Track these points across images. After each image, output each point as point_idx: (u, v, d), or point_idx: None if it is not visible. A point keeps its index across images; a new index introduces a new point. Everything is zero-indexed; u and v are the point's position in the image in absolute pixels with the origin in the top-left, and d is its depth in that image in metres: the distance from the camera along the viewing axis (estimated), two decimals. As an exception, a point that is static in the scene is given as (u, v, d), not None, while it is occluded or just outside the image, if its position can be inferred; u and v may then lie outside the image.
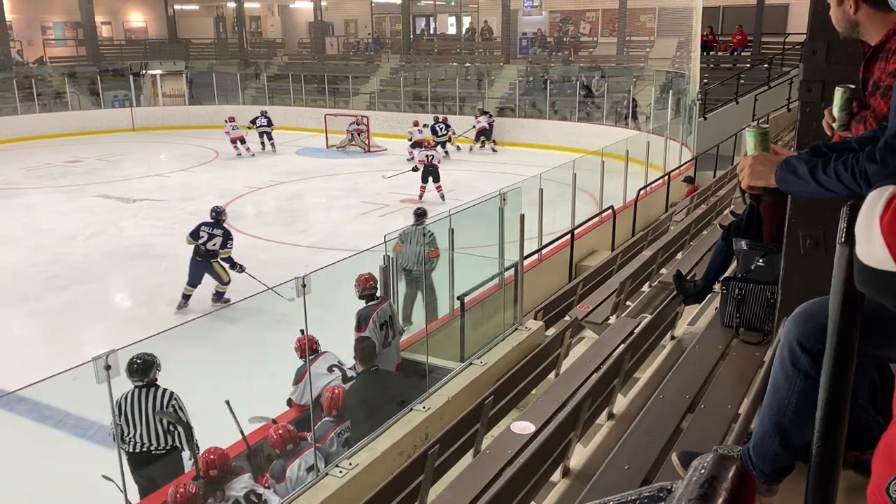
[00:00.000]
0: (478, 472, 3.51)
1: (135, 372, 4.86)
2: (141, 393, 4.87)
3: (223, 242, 9.25)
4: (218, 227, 9.35)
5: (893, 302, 0.85)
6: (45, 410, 6.37)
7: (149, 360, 4.91)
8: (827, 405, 1.36)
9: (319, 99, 26.72)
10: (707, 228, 8.46)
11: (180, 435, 4.90)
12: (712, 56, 21.03)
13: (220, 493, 4.25)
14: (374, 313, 5.94)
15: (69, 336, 8.72)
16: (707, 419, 3.04)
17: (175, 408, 4.91)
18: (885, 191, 0.79)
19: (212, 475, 4.31)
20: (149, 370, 4.91)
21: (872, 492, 1.00)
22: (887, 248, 0.77)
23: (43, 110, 24.83)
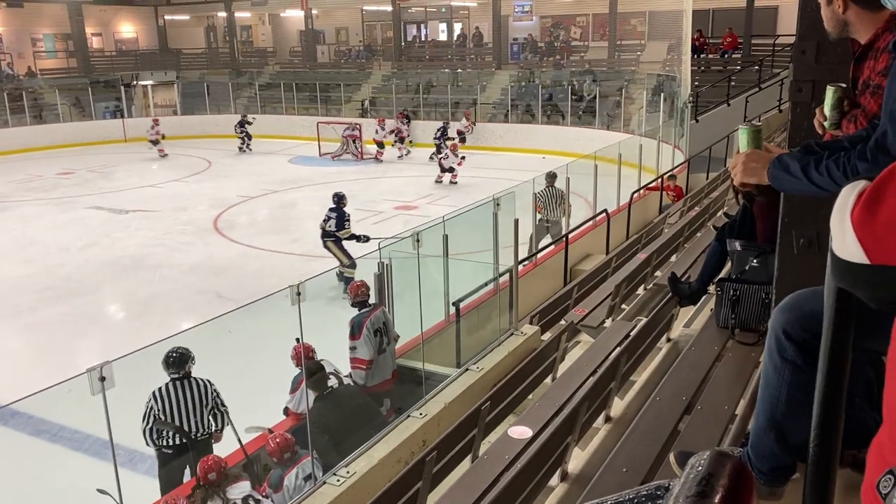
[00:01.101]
0: (476, 478, 3.50)
1: (172, 364, 5.06)
2: (178, 385, 5.06)
3: (338, 223, 10.09)
4: (335, 209, 10.24)
5: (867, 294, 0.87)
6: (40, 424, 6.33)
7: (184, 353, 5.10)
8: (823, 402, 1.36)
9: (311, 107, 26.74)
10: (701, 230, 8.48)
11: (223, 416, 5.15)
12: (703, 59, 21.15)
13: (221, 498, 4.23)
14: (367, 320, 5.93)
15: (63, 348, 8.67)
16: (704, 420, 3.04)
17: (216, 393, 5.18)
18: (857, 185, 0.81)
19: (210, 479, 4.30)
20: (185, 363, 5.11)
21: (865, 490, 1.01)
22: (858, 241, 0.79)
23: (34, 122, 24.77)
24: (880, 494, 0.96)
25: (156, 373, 7.54)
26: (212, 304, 9.80)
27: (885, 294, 0.85)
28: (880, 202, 0.77)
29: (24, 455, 5.96)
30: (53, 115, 25.65)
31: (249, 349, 7.69)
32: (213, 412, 5.16)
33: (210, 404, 5.13)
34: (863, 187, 0.80)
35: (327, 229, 10.19)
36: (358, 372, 5.83)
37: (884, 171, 0.79)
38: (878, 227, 0.77)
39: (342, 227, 10.14)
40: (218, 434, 5.22)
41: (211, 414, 5.15)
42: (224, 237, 13.33)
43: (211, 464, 4.32)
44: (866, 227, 0.78)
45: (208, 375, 7.23)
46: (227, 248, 12.66)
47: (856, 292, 0.91)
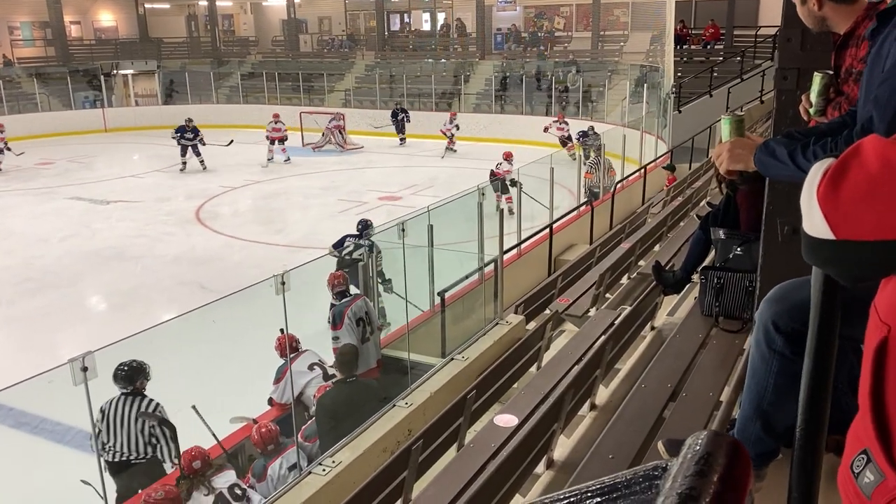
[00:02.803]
0: (462, 466, 3.50)
1: (120, 379, 4.72)
2: (126, 401, 4.72)
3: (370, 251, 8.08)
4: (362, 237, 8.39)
5: (836, 271, 0.89)
6: (21, 416, 6.26)
7: (136, 367, 4.76)
8: (810, 387, 1.36)
9: (294, 97, 26.56)
10: (684, 220, 8.53)
11: (161, 448, 4.74)
12: (685, 50, 21.21)
13: (206, 486, 4.21)
14: (347, 310, 5.91)
15: (44, 340, 8.57)
16: (689, 407, 3.06)
17: (158, 420, 4.76)
18: (824, 164, 0.83)
19: (195, 468, 4.26)
20: (134, 378, 4.75)
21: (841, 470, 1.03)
22: (824, 217, 0.81)
23: (11, 112, 24.38)
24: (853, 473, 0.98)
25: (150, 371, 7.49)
26: (195, 294, 9.72)
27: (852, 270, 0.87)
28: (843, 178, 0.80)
29: (4, 448, 5.90)
30: (31, 104, 25.28)
31: (233, 339, 7.65)
32: (152, 441, 4.73)
33: (146, 431, 4.70)
34: (828, 165, 0.82)
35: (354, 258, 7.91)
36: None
37: (848, 149, 0.81)
38: (842, 203, 0.79)
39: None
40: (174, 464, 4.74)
41: (148, 443, 4.72)
42: (207, 228, 13.22)
43: (195, 453, 4.30)
44: (830, 203, 0.80)
45: (192, 366, 7.21)
46: (209, 238, 12.56)
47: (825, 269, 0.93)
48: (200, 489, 4.20)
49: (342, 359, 5.15)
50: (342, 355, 5.18)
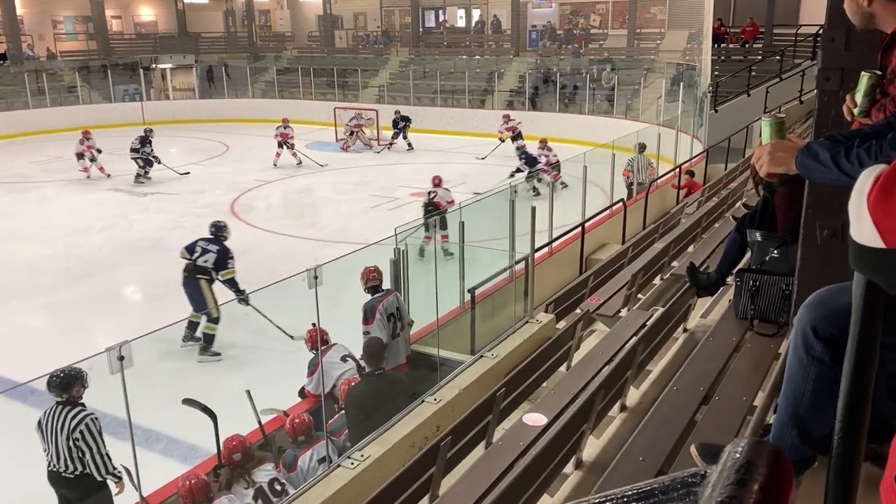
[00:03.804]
0: (490, 464, 3.50)
1: (54, 387, 4.43)
2: (57, 410, 4.43)
3: (219, 259, 7.93)
4: (215, 242, 8.11)
5: (884, 280, 0.88)
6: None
7: (72, 375, 4.42)
8: (850, 395, 1.34)
9: (329, 92, 26.73)
10: (719, 221, 8.41)
11: (88, 463, 4.44)
12: (723, 48, 20.89)
13: (247, 479, 4.26)
14: (379, 305, 5.94)
15: (81, 328, 8.76)
16: (722, 411, 3.02)
17: (83, 433, 4.38)
18: (875, 170, 0.82)
19: (235, 460, 4.30)
20: (69, 386, 4.42)
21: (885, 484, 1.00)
22: (874, 225, 0.79)
23: (54, 104, 24.91)
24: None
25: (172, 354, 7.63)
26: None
27: None
28: None
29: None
30: (73, 97, 25.80)
31: (265, 331, 7.74)
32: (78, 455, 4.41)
33: (70, 442, 4.38)
34: (880, 171, 0.81)
35: (200, 264, 7.92)
36: (372, 356, 5.83)
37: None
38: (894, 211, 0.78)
39: (224, 267, 7.98)
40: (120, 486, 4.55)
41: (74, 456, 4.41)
42: (241, 221, 13.38)
43: (236, 444, 4.34)
44: (882, 211, 0.79)
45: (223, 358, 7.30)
46: (243, 231, 12.70)
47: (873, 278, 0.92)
48: (241, 482, 4.24)
49: (369, 351, 5.17)
50: (369, 347, 5.21)
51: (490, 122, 23.35)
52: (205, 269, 7.92)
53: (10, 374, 7.46)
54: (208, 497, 4.19)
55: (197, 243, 8.11)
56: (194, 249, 8.02)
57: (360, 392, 4.99)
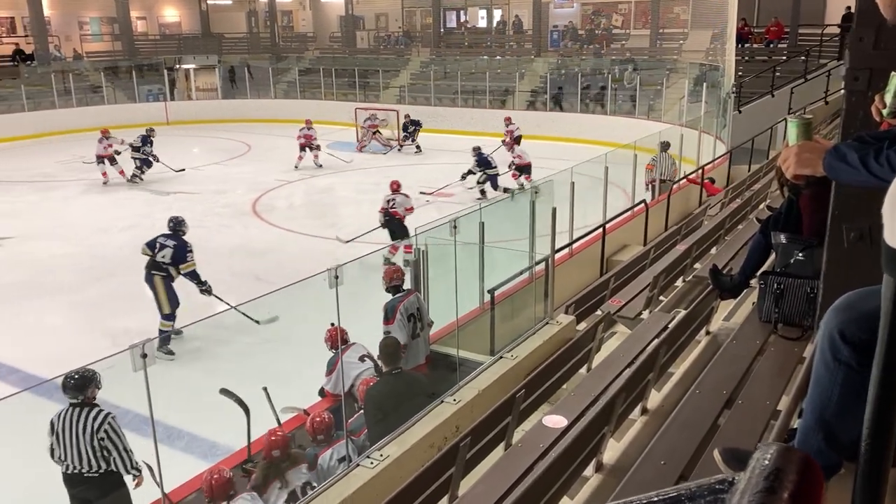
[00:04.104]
0: (510, 465, 3.49)
1: (70, 389, 4.46)
2: (75, 412, 4.46)
3: (177, 254, 8.05)
4: (173, 237, 8.21)
5: None
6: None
7: (87, 376, 4.47)
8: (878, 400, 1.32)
9: (350, 93, 26.83)
10: (742, 223, 8.32)
11: (114, 460, 4.52)
12: (747, 48, 20.69)
13: (282, 480, 4.27)
14: (400, 305, 5.94)
15: (104, 326, 8.86)
16: (745, 415, 2.99)
17: (108, 433, 4.47)
18: None
19: (274, 456, 4.31)
20: (85, 387, 4.47)
21: None
22: None
23: (80, 104, 25.24)
24: None
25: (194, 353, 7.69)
26: (250, 286, 9.92)
27: None
28: None
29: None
30: (98, 97, 26.12)
31: (286, 331, 7.77)
32: (104, 454, 4.48)
33: (96, 443, 4.44)
34: None
35: (158, 260, 8.05)
36: (392, 356, 5.84)
37: None
38: None
39: (185, 260, 8.09)
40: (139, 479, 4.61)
41: (100, 456, 4.47)
42: (262, 220, 13.48)
43: (277, 439, 4.34)
44: None
45: (245, 356, 7.35)
46: (265, 231, 12.80)
47: None
48: (275, 482, 4.25)
49: (386, 351, 5.18)
50: (385, 347, 5.20)
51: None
52: (161, 266, 8.04)
53: (35, 371, 7.58)
54: (228, 495, 4.21)
55: (157, 239, 8.24)
56: (155, 245, 8.14)
57: (378, 392, 5.00)
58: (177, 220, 8.41)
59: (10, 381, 7.43)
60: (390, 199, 10.72)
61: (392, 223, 10.40)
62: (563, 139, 21.47)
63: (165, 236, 8.23)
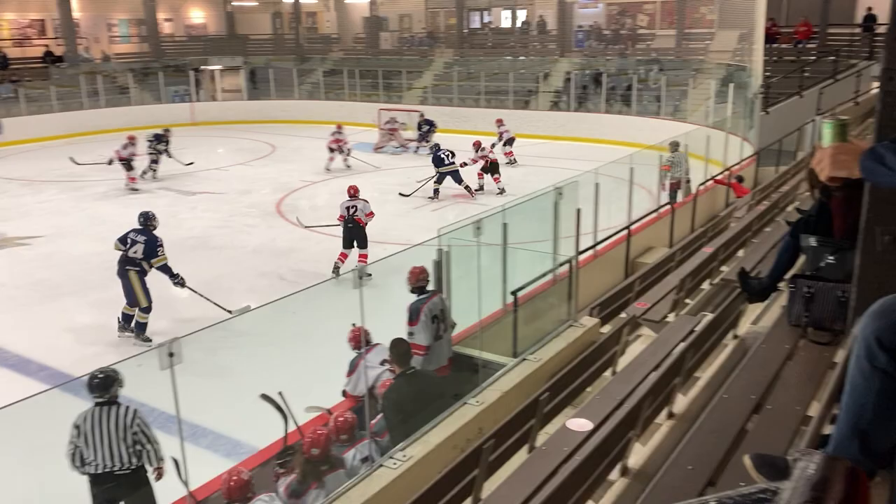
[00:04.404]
0: (533, 468, 3.47)
1: (95, 388, 4.50)
2: (102, 411, 4.51)
3: (148, 250, 8.30)
4: (144, 233, 8.45)
5: None
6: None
7: (111, 375, 4.53)
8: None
9: (373, 94, 26.91)
10: (770, 225, 8.21)
11: (148, 453, 4.59)
12: (775, 48, 20.43)
13: (320, 483, 4.26)
14: (424, 306, 5.92)
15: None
16: (774, 421, 2.94)
17: (140, 426, 4.56)
18: None
19: (313, 454, 4.31)
20: (110, 386, 4.53)
21: None
22: None
23: (108, 105, 25.58)
24: None
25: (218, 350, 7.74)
26: (274, 285, 10.00)
27: None
28: None
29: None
30: (126, 98, 26.46)
31: (310, 330, 7.80)
32: (137, 448, 4.56)
33: (130, 438, 4.52)
34: None
35: (130, 256, 8.33)
36: (416, 357, 5.83)
37: None
38: None
39: (156, 255, 8.37)
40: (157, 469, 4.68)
41: (133, 451, 4.55)
42: (287, 220, 13.56)
43: (315, 439, 4.35)
44: None
45: (269, 356, 7.39)
46: (289, 231, 12.88)
47: None
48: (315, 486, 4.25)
49: (396, 352, 5.16)
50: (395, 349, 5.18)
51: (534, 123, 23.26)
52: (134, 261, 8.30)
53: (64, 368, 7.69)
54: (246, 496, 4.22)
55: (128, 235, 8.48)
56: (126, 240, 8.40)
57: (395, 392, 5.00)
58: (146, 216, 8.61)
59: (39, 377, 7.55)
60: (351, 206, 10.33)
61: (356, 231, 10.19)
62: (587, 140, 21.36)
63: (136, 231, 8.45)
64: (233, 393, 6.56)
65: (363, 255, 10.10)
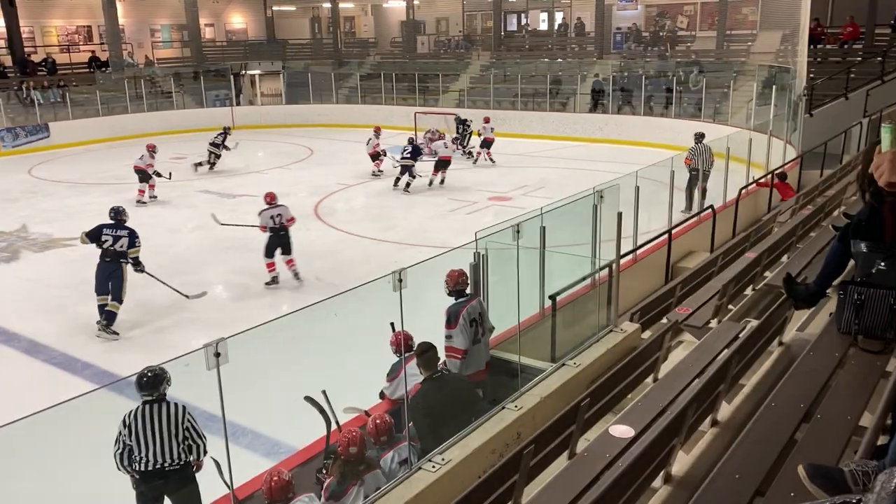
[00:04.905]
0: (574, 475, 3.43)
1: (145, 386, 4.60)
2: (152, 408, 4.61)
3: (130, 241, 8.95)
4: (120, 227, 9.04)
5: None
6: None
7: (159, 373, 4.63)
8: None
9: (410, 97, 27.02)
10: (815, 230, 8.03)
11: (198, 448, 4.69)
12: (820, 49, 20.02)
13: (360, 482, 4.28)
14: (463, 310, 5.90)
15: (172, 324, 9.12)
16: (824, 431, 2.86)
17: (190, 422, 4.67)
18: None
19: (351, 453, 4.34)
20: (159, 384, 4.63)
21: None
22: None
23: (150, 109, 26.12)
24: None
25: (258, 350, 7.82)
26: (311, 286, 10.09)
27: None
28: None
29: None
30: (168, 102, 26.99)
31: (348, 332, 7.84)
32: (187, 444, 4.66)
33: (181, 434, 4.62)
34: None
35: (118, 249, 8.87)
36: (453, 361, 5.83)
37: None
38: None
39: (135, 245, 9.00)
40: (198, 462, 4.77)
41: (183, 447, 4.64)
42: (324, 223, 13.68)
43: (353, 437, 4.37)
44: None
45: (308, 357, 7.45)
46: (326, 233, 12.99)
47: None
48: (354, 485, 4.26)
49: (423, 356, 5.13)
50: (422, 352, 5.16)
51: (571, 125, 23.15)
52: (124, 254, 8.89)
53: (108, 367, 7.86)
54: (287, 497, 4.25)
55: (101, 230, 8.93)
56: (100, 236, 8.87)
57: (423, 397, 4.98)
58: (118, 210, 9.24)
59: (84, 375, 7.73)
60: (276, 214, 10.40)
61: (285, 237, 10.39)
62: (626, 142, 21.19)
63: (110, 227, 8.99)
64: (272, 393, 6.63)
65: (291, 261, 10.37)
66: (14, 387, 7.51)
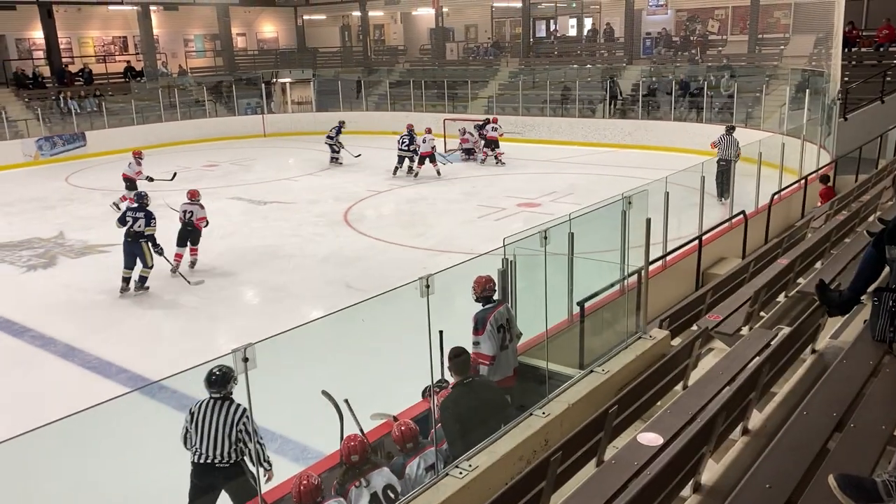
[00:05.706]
0: (603, 482, 3.41)
1: (214, 383, 4.81)
2: (216, 405, 4.81)
3: (146, 222, 10.39)
4: (140, 209, 10.49)
5: None
6: (184, 399, 6.76)
7: (227, 372, 4.79)
8: None
9: (439, 104, 27.10)
10: (850, 236, 7.88)
11: (249, 452, 4.81)
12: (854, 52, 19.67)
13: (363, 480, 4.33)
14: (490, 316, 5.89)
15: (202, 330, 9.25)
16: (858, 440, 2.81)
17: (245, 424, 4.79)
18: None
19: (353, 461, 4.38)
20: (227, 382, 4.82)
21: None
22: None
23: (184, 117, 26.55)
24: None
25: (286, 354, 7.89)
26: (341, 293, 10.16)
27: None
28: None
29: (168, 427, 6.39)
30: (201, 110, 27.41)
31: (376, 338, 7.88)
32: (239, 446, 4.81)
33: (234, 434, 4.78)
34: None
35: (136, 229, 10.37)
36: (481, 367, 5.82)
37: None
38: None
39: (150, 225, 10.46)
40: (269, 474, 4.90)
41: (235, 448, 4.80)
42: (353, 230, 13.77)
43: (355, 444, 4.41)
44: None
45: (336, 363, 7.49)
46: (356, 240, 13.07)
47: None
48: (356, 483, 4.30)
49: (455, 361, 5.12)
50: (455, 357, 5.15)
51: (600, 130, 23.03)
52: (142, 233, 10.36)
53: (141, 371, 7.98)
54: (316, 501, 4.27)
55: (126, 214, 10.59)
56: (125, 220, 10.46)
57: (453, 402, 4.97)
58: (140, 195, 10.88)
59: (119, 379, 7.86)
60: (188, 210, 11.44)
61: (193, 232, 11.43)
62: (656, 148, 21.02)
63: (133, 210, 10.54)
64: (301, 398, 6.68)
65: (195, 249, 11.58)
66: (51, 390, 7.67)
